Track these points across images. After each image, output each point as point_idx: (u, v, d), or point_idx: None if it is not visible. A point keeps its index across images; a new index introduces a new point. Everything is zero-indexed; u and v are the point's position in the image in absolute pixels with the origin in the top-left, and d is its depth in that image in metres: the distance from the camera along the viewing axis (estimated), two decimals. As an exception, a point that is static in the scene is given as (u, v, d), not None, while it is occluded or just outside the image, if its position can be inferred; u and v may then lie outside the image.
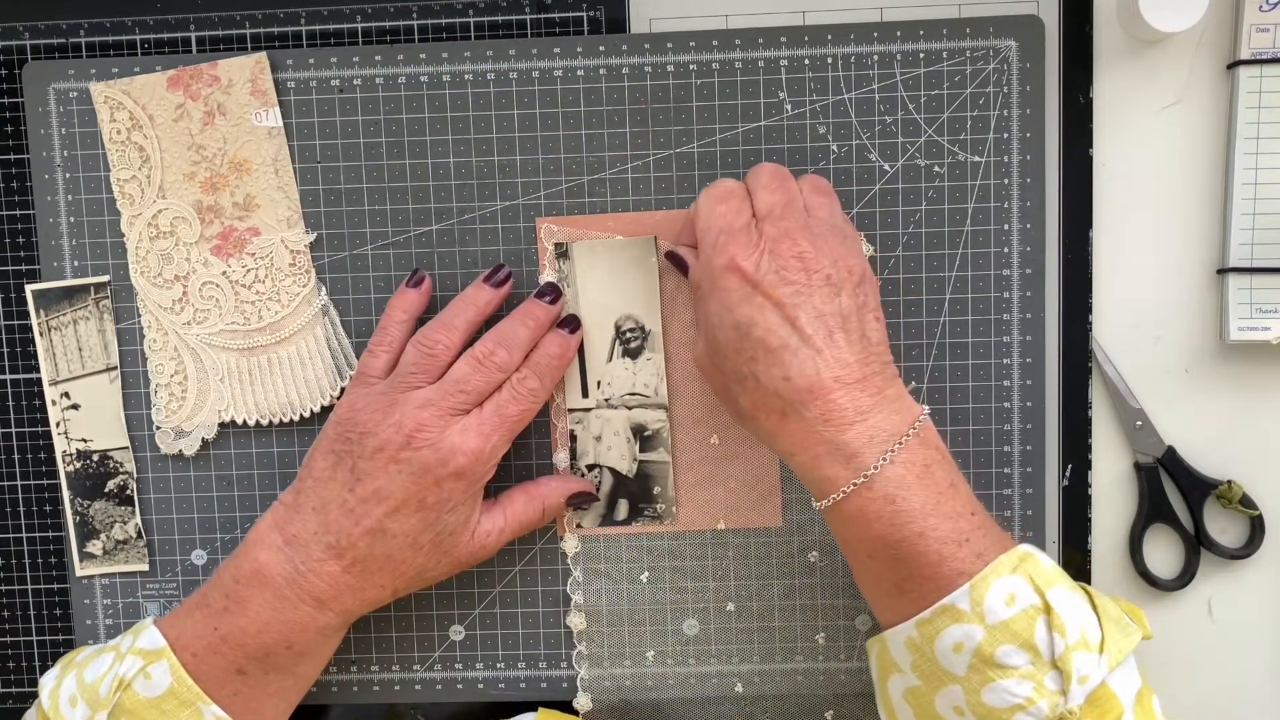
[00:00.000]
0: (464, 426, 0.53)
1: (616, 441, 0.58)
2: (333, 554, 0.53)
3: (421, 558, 0.54)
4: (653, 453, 0.58)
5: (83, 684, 0.53)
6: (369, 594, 0.54)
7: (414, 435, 0.52)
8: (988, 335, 0.59)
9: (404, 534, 0.53)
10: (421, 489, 0.52)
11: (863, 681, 0.60)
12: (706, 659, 0.61)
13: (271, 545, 0.53)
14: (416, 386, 0.53)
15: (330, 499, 0.53)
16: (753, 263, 0.50)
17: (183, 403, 0.60)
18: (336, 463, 0.53)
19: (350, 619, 0.55)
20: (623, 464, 0.58)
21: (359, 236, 0.60)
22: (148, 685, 0.51)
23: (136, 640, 0.53)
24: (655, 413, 0.58)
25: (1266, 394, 0.60)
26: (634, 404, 0.58)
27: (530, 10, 0.60)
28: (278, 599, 0.52)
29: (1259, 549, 0.60)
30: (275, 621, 0.52)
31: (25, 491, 0.62)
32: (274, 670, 0.53)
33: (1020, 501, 0.59)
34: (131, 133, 0.59)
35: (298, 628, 0.53)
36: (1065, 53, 0.58)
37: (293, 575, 0.53)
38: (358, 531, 0.52)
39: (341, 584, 0.53)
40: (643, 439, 0.58)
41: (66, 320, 0.60)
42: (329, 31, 0.60)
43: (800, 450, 0.49)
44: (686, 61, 0.59)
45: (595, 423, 0.58)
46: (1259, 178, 0.58)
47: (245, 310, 0.59)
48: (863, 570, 0.51)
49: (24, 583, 0.62)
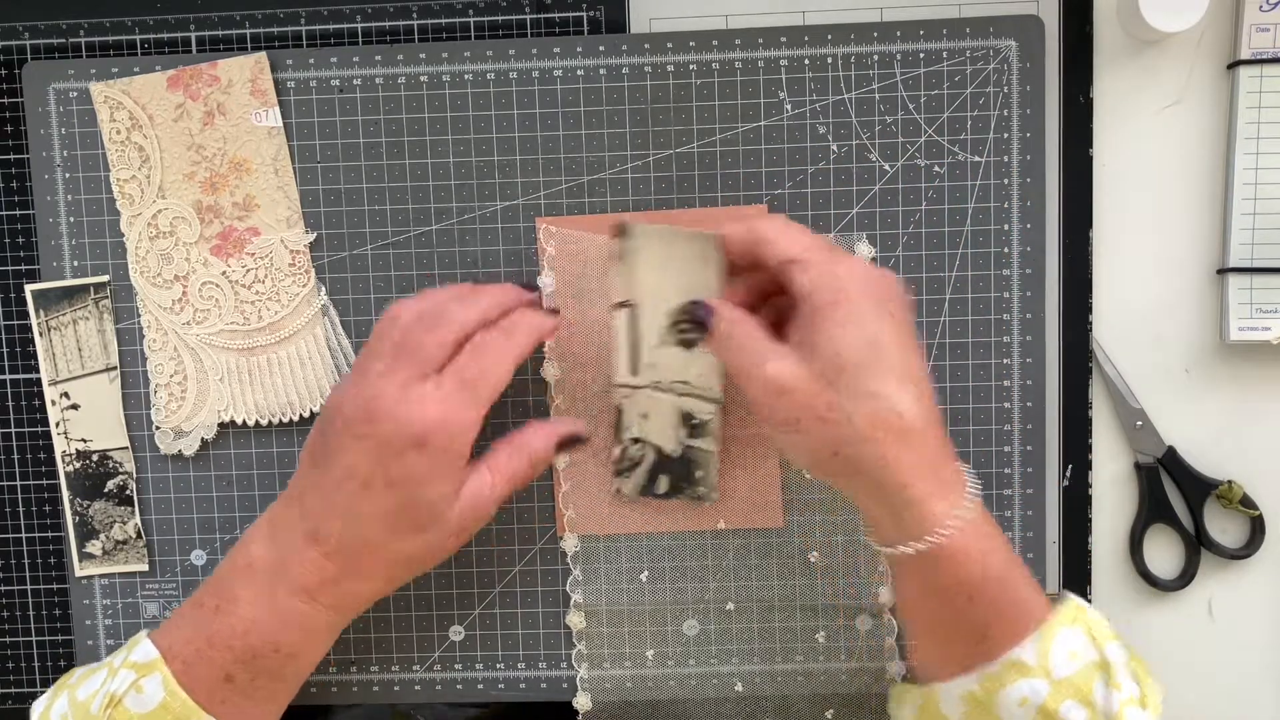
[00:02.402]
0: (421, 394, 0.49)
1: (664, 423, 0.57)
2: (311, 541, 0.51)
3: (402, 542, 0.51)
4: (699, 440, 0.57)
5: (74, 703, 0.51)
6: (358, 585, 0.52)
7: (370, 406, 0.49)
8: (988, 335, 0.59)
9: (377, 516, 0.50)
10: (384, 462, 0.49)
11: (863, 681, 0.60)
12: (706, 659, 0.61)
13: (261, 538, 0.52)
14: (379, 357, 0.51)
15: (308, 485, 0.51)
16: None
17: (182, 403, 0.60)
18: (314, 449, 0.52)
19: (345, 615, 0.53)
20: (668, 444, 0.57)
21: (359, 236, 0.60)
22: (139, 700, 0.50)
23: (130, 654, 0.52)
24: (706, 405, 0.57)
25: (1266, 394, 0.60)
26: (683, 391, 0.56)
27: (530, 10, 0.60)
28: (266, 593, 0.51)
29: (1259, 549, 0.60)
30: (263, 620, 0.51)
31: (25, 491, 0.62)
32: (262, 675, 0.51)
33: (1020, 501, 0.59)
34: (131, 133, 0.59)
35: (287, 625, 0.51)
36: (1065, 53, 0.58)
37: (278, 566, 0.51)
38: (333, 517, 0.50)
39: (325, 572, 0.51)
40: (691, 426, 0.57)
41: (66, 320, 0.60)
42: (329, 31, 0.60)
43: (916, 480, 0.46)
44: (686, 61, 0.59)
45: (644, 401, 0.56)
46: (1259, 178, 0.58)
47: (245, 310, 0.59)
48: (947, 614, 0.48)
49: (23, 583, 0.62)
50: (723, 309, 0.50)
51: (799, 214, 0.59)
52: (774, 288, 0.52)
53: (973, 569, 0.47)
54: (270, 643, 0.51)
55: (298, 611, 0.51)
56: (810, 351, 0.47)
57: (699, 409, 0.56)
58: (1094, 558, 0.60)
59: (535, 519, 0.61)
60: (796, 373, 0.47)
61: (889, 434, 0.46)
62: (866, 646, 0.60)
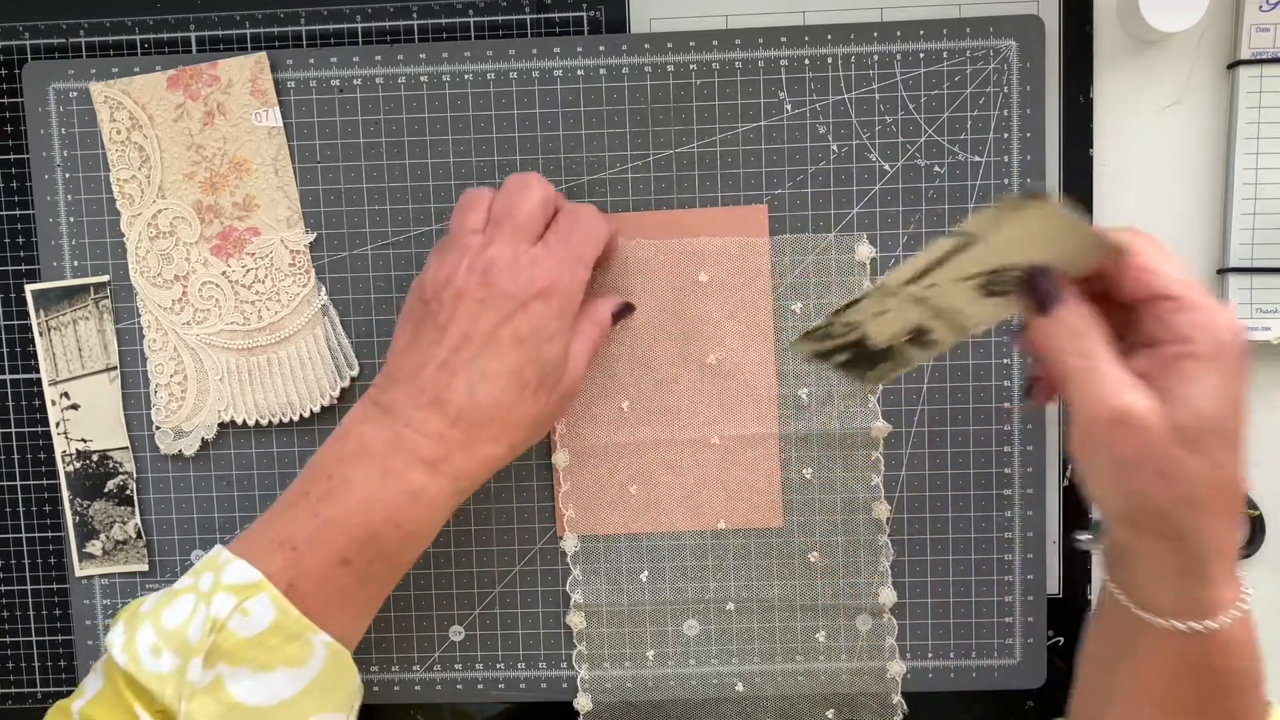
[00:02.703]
0: (533, 256, 0.51)
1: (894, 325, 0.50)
2: (435, 410, 0.50)
3: (530, 399, 0.51)
4: (913, 348, 0.51)
5: (164, 632, 0.47)
6: (482, 450, 0.51)
7: (488, 272, 0.50)
8: (988, 335, 0.59)
9: (505, 373, 0.50)
10: (511, 319, 0.50)
11: (863, 681, 0.60)
12: (706, 659, 0.61)
13: (370, 418, 0.50)
14: (474, 232, 0.52)
15: (420, 361, 0.51)
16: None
17: (182, 403, 0.60)
18: (417, 326, 0.51)
19: (462, 489, 0.51)
20: (880, 339, 0.51)
21: (359, 236, 0.60)
22: (246, 623, 0.47)
23: (220, 575, 0.48)
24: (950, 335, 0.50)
25: (1267, 394, 0.60)
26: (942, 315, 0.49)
27: (530, 10, 0.60)
28: (384, 470, 0.49)
29: (1259, 549, 0.60)
30: (382, 497, 0.49)
31: (25, 491, 0.62)
32: (379, 558, 0.49)
33: (1020, 501, 0.59)
34: (131, 133, 0.59)
35: (408, 500, 0.49)
36: (1065, 53, 0.58)
37: (396, 441, 0.50)
38: (456, 382, 0.50)
39: (450, 441, 0.50)
40: (918, 337, 0.51)
41: (66, 320, 0.60)
42: (329, 31, 0.60)
43: (1220, 561, 0.43)
44: (686, 61, 0.59)
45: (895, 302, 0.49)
46: (1259, 178, 0.58)
47: (245, 310, 0.59)
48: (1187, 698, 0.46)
49: (23, 583, 0.62)
50: (1077, 303, 0.44)
51: (799, 214, 0.59)
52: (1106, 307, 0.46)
53: (1240, 659, 0.45)
54: (390, 519, 0.49)
55: (419, 485, 0.50)
56: (1170, 399, 0.42)
57: (942, 333, 0.50)
58: (1094, 558, 0.60)
59: (535, 519, 0.61)
60: (1153, 416, 0.42)
61: (1220, 507, 0.43)
62: (866, 646, 0.60)
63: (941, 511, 0.60)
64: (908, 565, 0.60)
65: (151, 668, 0.46)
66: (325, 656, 0.48)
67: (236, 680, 0.47)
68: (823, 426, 0.59)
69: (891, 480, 0.60)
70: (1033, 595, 0.60)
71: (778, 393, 0.59)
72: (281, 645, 0.47)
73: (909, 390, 0.59)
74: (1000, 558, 0.60)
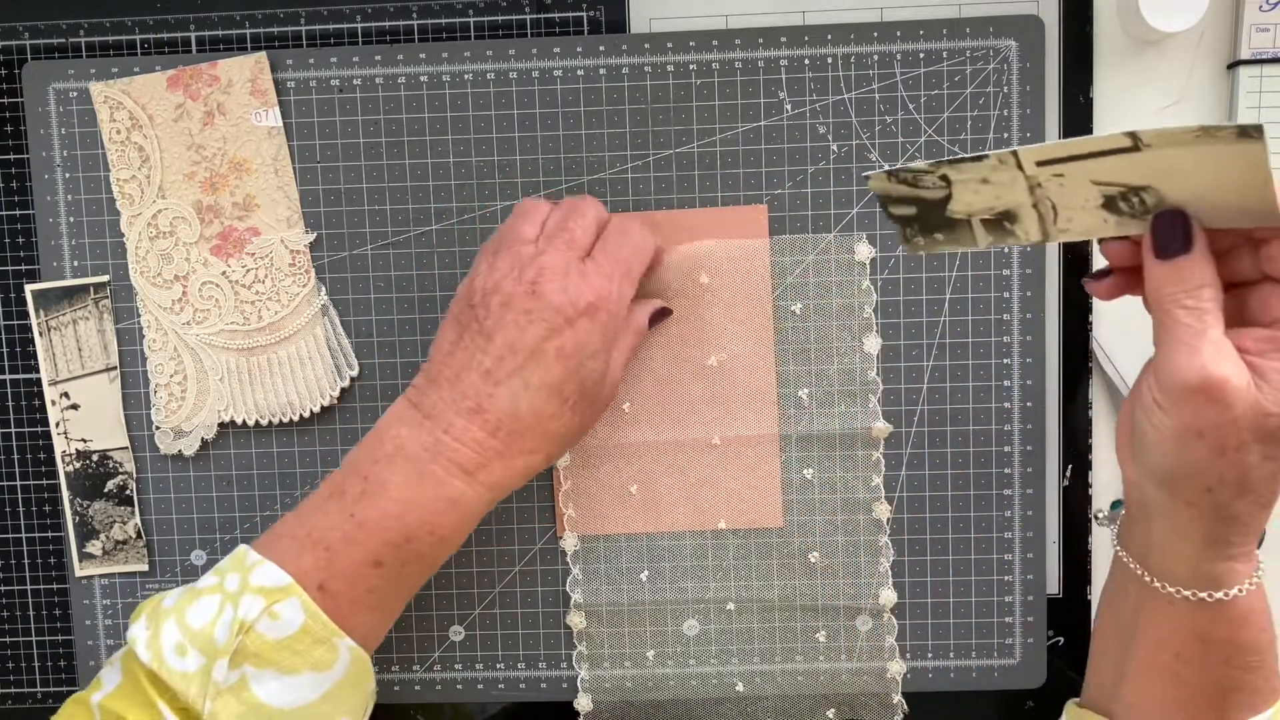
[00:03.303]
0: (583, 270, 0.51)
1: (984, 199, 0.46)
2: (475, 418, 0.50)
3: (569, 413, 0.51)
4: (984, 228, 0.47)
5: (190, 631, 0.47)
6: (519, 461, 0.51)
7: (537, 282, 0.50)
8: (988, 335, 0.59)
9: (548, 387, 0.50)
10: (556, 332, 0.50)
11: (863, 681, 0.60)
12: (706, 659, 0.61)
13: (410, 421, 0.50)
14: (527, 242, 0.52)
15: (463, 366, 0.51)
16: None
17: (182, 403, 0.60)
18: (462, 330, 0.51)
19: (496, 496, 0.51)
20: (959, 208, 0.47)
21: (359, 236, 0.60)
22: (275, 625, 0.47)
23: (248, 578, 0.48)
24: (1035, 232, 0.46)
25: (1266, 394, 0.60)
26: (1039, 205, 0.45)
27: (530, 10, 0.60)
28: (421, 475, 0.49)
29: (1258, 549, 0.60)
30: (419, 500, 0.49)
31: (25, 492, 0.62)
32: (411, 560, 0.50)
33: (1020, 501, 0.59)
34: (131, 133, 0.59)
35: (444, 506, 0.49)
36: (1065, 53, 0.58)
37: (435, 446, 0.50)
38: (499, 392, 0.50)
39: (489, 450, 0.50)
40: (999, 219, 0.46)
41: (66, 320, 0.60)
42: (329, 31, 0.60)
43: (1246, 536, 0.44)
44: (686, 61, 0.59)
45: (1000, 176, 0.45)
46: (1259, 178, 0.57)
47: (245, 310, 0.59)
48: (1196, 668, 0.46)
49: (23, 583, 0.62)
50: (1205, 257, 0.42)
51: (799, 214, 0.59)
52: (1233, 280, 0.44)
53: (1249, 633, 0.45)
54: (426, 524, 0.49)
55: (457, 492, 0.50)
56: (1265, 385, 0.41)
57: (1027, 227, 0.46)
58: (1094, 558, 0.60)
59: (535, 519, 0.61)
60: (1241, 392, 0.41)
61: (1262, 495, 0.43)
62: (866, 646, 0.60)
63: (941, 511, 0.60)
64: (908, 565, 0.60)
65: (177, 666, 0.47)
66: (349, 661, 0.49)
67: (261, 682, 0.47)
68: (823, 426, 0.59)
69: (891, 480, 0.60)
70: (1033, 595, 0.60)
71: (778, 393, 0.59)
72: (309, 649, 0.47)
73: (909, 390, 0.59)
74: (1000, 558, 0.60)
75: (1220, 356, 0.41)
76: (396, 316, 0.60)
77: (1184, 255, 0.42)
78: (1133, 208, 0.43)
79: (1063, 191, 0.44)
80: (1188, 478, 0.43)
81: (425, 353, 0.54)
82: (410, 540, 0.49)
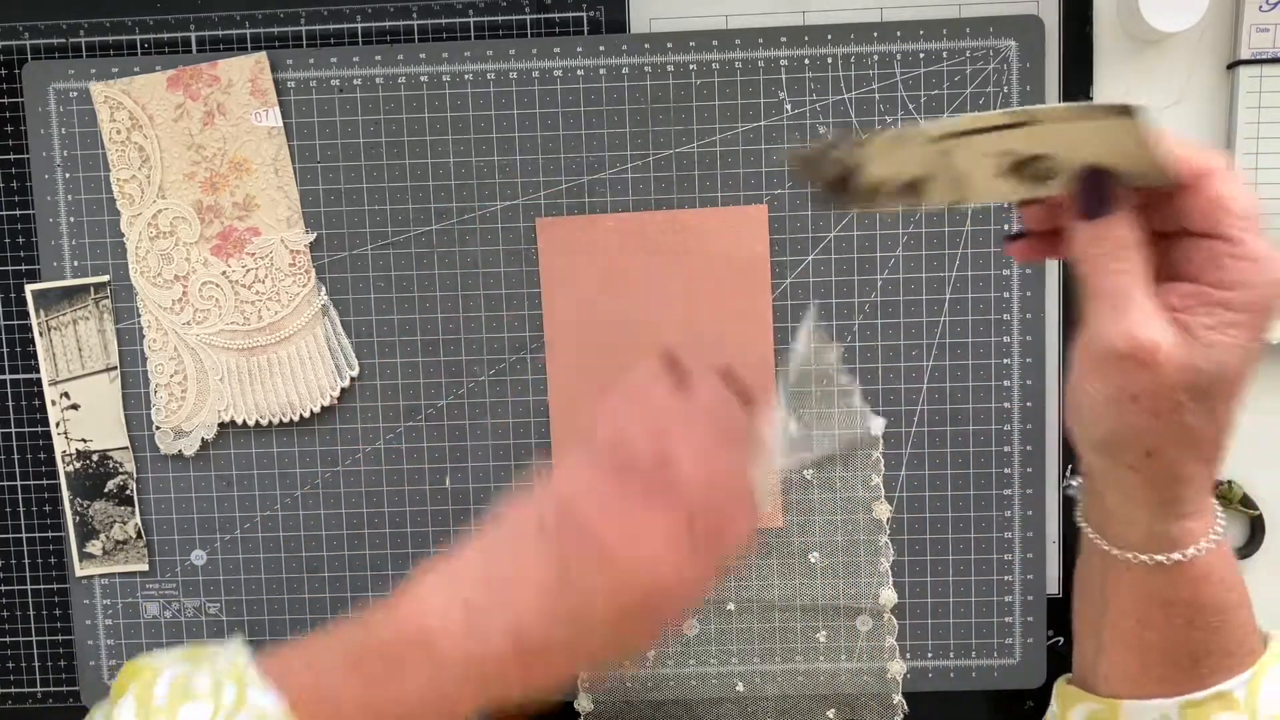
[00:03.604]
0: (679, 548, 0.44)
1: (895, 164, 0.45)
2: (510, 639, 0.44)
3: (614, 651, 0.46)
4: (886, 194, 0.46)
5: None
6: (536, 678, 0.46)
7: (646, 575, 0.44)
8: (988, 335, 0.59)
9: (608, 636, 0.45)
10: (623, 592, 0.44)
11: (863, 681, 0.60)
12: (706, 659, 0.61)
13: (440, 613, 0.45)
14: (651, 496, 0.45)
15: (526, 576, 0.44)
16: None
17: (182, 403, 0.60)
18: (543, 537, 0.45)
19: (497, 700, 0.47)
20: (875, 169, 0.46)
21: (359, 236, 0.60)
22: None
23: (245, 694, 0.44)
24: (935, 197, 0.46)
25: (1266, 394, 0.60)
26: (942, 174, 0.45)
27: (530, 10, 0.60)
28: (441, 675, 0.44)
29: (1259, 549, 0.60)
30: (434, 700, 0.44)
31: (25, 491, 0.62)
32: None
33: (1020, 501, 0.59)
34: (131, 133, 0.59)
35: (452, 711, 0.45)
36: (1065, 53, 0.58)
37: (464, 659, 0.44)
38: (552, 624, 0.44)
39: (512, 673, 0.45)
40: (904, 189, 0.46)
41: (66, 320, 0.60)
42: (329, 31, 0.60)
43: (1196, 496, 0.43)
44: (686, 61, 0.59)
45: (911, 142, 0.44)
46: (1259, 178, 0.58)
47: (245, 310, 0.59)
48: (1162, 633, 0.45)
49: (24, 583, 0.62)
50: (1130, 218, 0.41)
51: (799, 214, 0.59)
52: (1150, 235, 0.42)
53: (1210, 593, 0.44)
54: (436, 712, 0.45)
55: (469, 700, 0.45)
56: (1194, 344, 0.40)
57: (938, 190, 0.46)
58: (1094, 558, 0.60)
59: (535, 519, 0.61)
60: (1172, 357, 0.40)
61: (1205, 452, 0.42)
62: (866, 646, 0.60)
63: (941, 511, 0.60)
64: (908, 565, 0.60)
65: None
66: None
67: None
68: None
69: (891, 480, 0.60)
70: (1032, 595, 0.60)
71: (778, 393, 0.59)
72: None
73: (909, 390, 0.59)
74: (1000, 558, 0.60)
75: (1148, 319, 0.40)
76: (396, 316, 0.60)
77: (1109, 215, 0.41)
78: (1036, 174, 0.43)
79: (965, 160, 0.44)
80: (1126, 442, 0.42)
81: (425, 352, 0.53)
82: (414, 715, 0.45)
